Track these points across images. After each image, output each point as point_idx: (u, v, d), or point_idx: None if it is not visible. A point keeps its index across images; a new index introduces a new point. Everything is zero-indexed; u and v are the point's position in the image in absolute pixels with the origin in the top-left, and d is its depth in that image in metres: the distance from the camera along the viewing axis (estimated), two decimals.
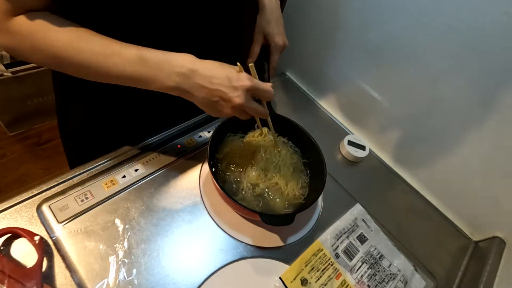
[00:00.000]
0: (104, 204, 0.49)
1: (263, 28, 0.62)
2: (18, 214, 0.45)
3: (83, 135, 0.61)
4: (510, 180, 0.57)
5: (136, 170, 0.54)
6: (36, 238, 0.42)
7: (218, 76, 0.40)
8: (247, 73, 0.43)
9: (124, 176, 0.53)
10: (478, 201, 0.64)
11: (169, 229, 0.49)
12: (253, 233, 0.52)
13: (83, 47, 0.38)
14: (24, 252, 0.41)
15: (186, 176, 0.56)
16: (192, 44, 0.52)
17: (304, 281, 0.49)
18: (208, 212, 0.53)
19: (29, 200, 0.47)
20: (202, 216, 0.52)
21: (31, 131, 1.44)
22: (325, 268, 0.51)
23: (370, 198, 0.65)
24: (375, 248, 0.57)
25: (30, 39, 0.37)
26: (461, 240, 0.66)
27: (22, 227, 0.43)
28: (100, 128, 0.59)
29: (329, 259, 0.53)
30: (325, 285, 0.50)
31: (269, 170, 0.56)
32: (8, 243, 0.42)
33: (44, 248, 0.42)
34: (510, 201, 0.59)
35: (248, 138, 0.59)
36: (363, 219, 0.60)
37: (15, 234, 0.42)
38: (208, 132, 0.64)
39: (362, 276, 0.53)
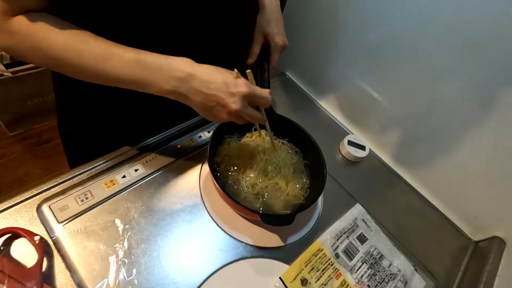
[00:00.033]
0: (104, 204, 0.49)
1: (263, 28, 0.62)
2: (18, 214, 0.45)
3: (83, 135, 0.61)
4: (510, 180, 0.57)
5: (136, 170, 0.54)
6: (36, 238, 0.42)
7: (216, 81, 0.40)
8: (245, 79, 0.43)
9: (124, 176, 0.53)
10: (478, 201, 0.64)
11: (169, 229, 0.49)
12: (253, 233, 0.52)
13: (82, 49, 0.38)
14: (24, 252, 0.41)
15: (186, 176, 0.56)
16: (192, 44, 0.53)
17: (304, 281, 0.49)
18: (208, 212, 0.53)
19: (29, 200, 0.47)
20: (202, 216, 0.52)
21: (31, 131, 1.44)
22: (325, 268, 0.51)
23: (370, 198, 0.65)
24: (375, 248, 0.57)
25: (29, 40, 0.37)
26: (461, 240, 0.66)
27: (22, 227, 0.43)
28: (100, 128, 0.59)
29: (329, 259, 0.53)
30: (325, 285, 0.50)
31: (269, 171, 0.56)
32: (8, 243, 0.42)
33: (44, 248, 0.42)
34: (510, 201, 0.59)
35: (247, 139, 0.59)
36: (363, 219, 0.60)
37: (15, 234, 0.42)
38: (208, 132, 0.64)
39: (362, 276, 0.53)
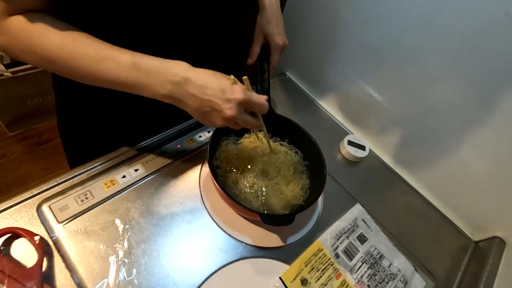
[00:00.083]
0: (104, 204, 0.49)
1: (263, 28, 0.62)
2: (18, 214, 0.45)
3: (83, 135, 0.61)
4: (510, 180, 0.57)
5: (136, 170, 0.54)
6: (36, 238, 0.42)
7: (211, 87, 0.40)
8: (242, 85, 0.42)
9: (124, 176, 0.53)
10: (478, 201, 0.64)
11: (169, 229, 0.49)
12: (253, 233, 0.52)
13: (77, 51, 0.38)
14: (24, 252, 0.41)
15: (186, 176, 0.56)
16: (192, 44, 0.53)
17: (304, 281, 0.49)
18: (208, 212, 0.53)
19: (29, 200, 0.47)
20: (202, 216, 0.52)
21: (31, 131, 1.44)
22: (325, 268, 0.51)
23: (370, 198, 0.65)
24: (375, 248, 0.57)
25: (24, 40, 0.37)
26: (461, 240, 0.66)
27: (22, 227, 0.43)
28: (100, 128, 0.59)
29: (329, 259, 0.53)
30: (325, 285, 0.50)
31: (269, 171, 0.56)
32: (8, 243, 0.42)
33: (44, 248, 0.42)
34: (510, 201, 0.59)
35: (246, 140, 0.59)
36: (363, 219, 0.60)
37: (15, 234, 0.42)
38: (208, 132, 0.64)
39: (362, 276, 0.53)
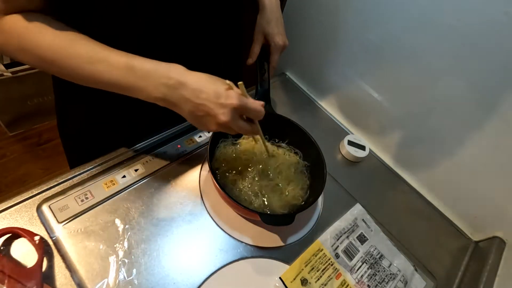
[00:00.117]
0: (104, 204, 0.49)
1: (263, 28, 0.62)
2: (18, 214, 0.45)
3: (83, 136, 0.61)
4: (510, 180, 0.57)
5: (136, 170, 0.54)
6: (36, 238, 0.42)
7: (206, 91, 0.39)
8: (238, 90, 0.41)
9: (124, 176, 0.53)
10: (478, 201, 0.64)
11: (169, 229, 0.49)
12: (253, 233, 0.52)
13: (71, 51, 0.38)
14: (24, 252, 0.41)
15: (186, 176, 0.56)
16: (192, 44, 0.53)
17: (304, 281, 0.49)
18: (208, 212, 0.53)
19: (29, 200, 0.47)
20: (202, 216, 0.52)
21: (31, 131, 1.44)
22: (325, 268, 0.51)
23: (370, 198, 0.65)
24: (375, 248, 0.57)
25: (19, 39, 0.37)
26: (461, 240, 0.66)
27: (22, 227, 0.43)
28: (100, 129, 0.59)
29: (329, 259, 0.53)
30: (325, 285, 0.50)
31: (270, 171, 0.56)
32: (8, 243, 0.42)
33: (44, 248, 0.42)
34: (510, 201, 0.59)
35: (243, 141, 0.59)
36: (363, 219, 0.60)
37: (15, 234, 0.42)
38: (208, 133, 0.64)
39: (362, 276, 0.53)
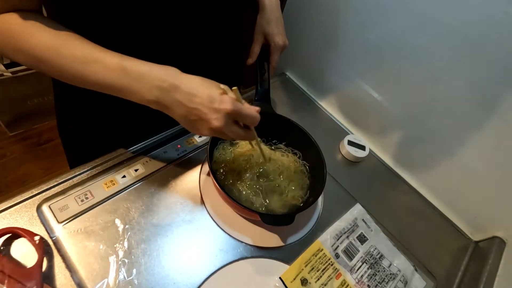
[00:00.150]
0: (104, 204, 0.49)
1: (263, 28, 0.62)
2: (18, 214, 0.45)
3: (83, 136, 0.61)
4: (510, 180, 0.57)
5: (136, 170, 0.54)
6: (36, 238, 0.42)
7: (200, 95, 0.38)
8: (233, 95, 0.40)
9: (124, 176, 0.53)
10: (478, 201, 0.64)
11: (169, 229, 0.49)
12: (253, 233, 0.52)
13: (65, 52, 0.37)
14: (24, 252, 0.41)
15: (186, 176, 0.56)
16: (192, 44, 0.53)
17: (304, 281, 0.49)
18: (208, 212, 0.53)
19: (29, 200, 0.47)
20: (202, 216, 0.52)
21: (31, 131, 1.44)
22: (325, 268, 0.51)
23: (370, 198, 0.65)
24: (375, 248, 0.57)
25: (13, 39, 0.37)
26: (461, 240, 0.66)
27: (22, 227, 0.43)
28: (100, 129, 0.59)
29: (329, 259, 0.53)
30: (325, 285, 0.50)
31: (270, 171, 0.56)
32: (8, 243, 0.42)
33: (44, 248, 0.42)
34: (510, 201, 0.59)
35: (242, 142, 0.59)
36: (363, 219, 0.60)
37: (15, 234, 0.42)
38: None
39: (362, 276, 0.53)
